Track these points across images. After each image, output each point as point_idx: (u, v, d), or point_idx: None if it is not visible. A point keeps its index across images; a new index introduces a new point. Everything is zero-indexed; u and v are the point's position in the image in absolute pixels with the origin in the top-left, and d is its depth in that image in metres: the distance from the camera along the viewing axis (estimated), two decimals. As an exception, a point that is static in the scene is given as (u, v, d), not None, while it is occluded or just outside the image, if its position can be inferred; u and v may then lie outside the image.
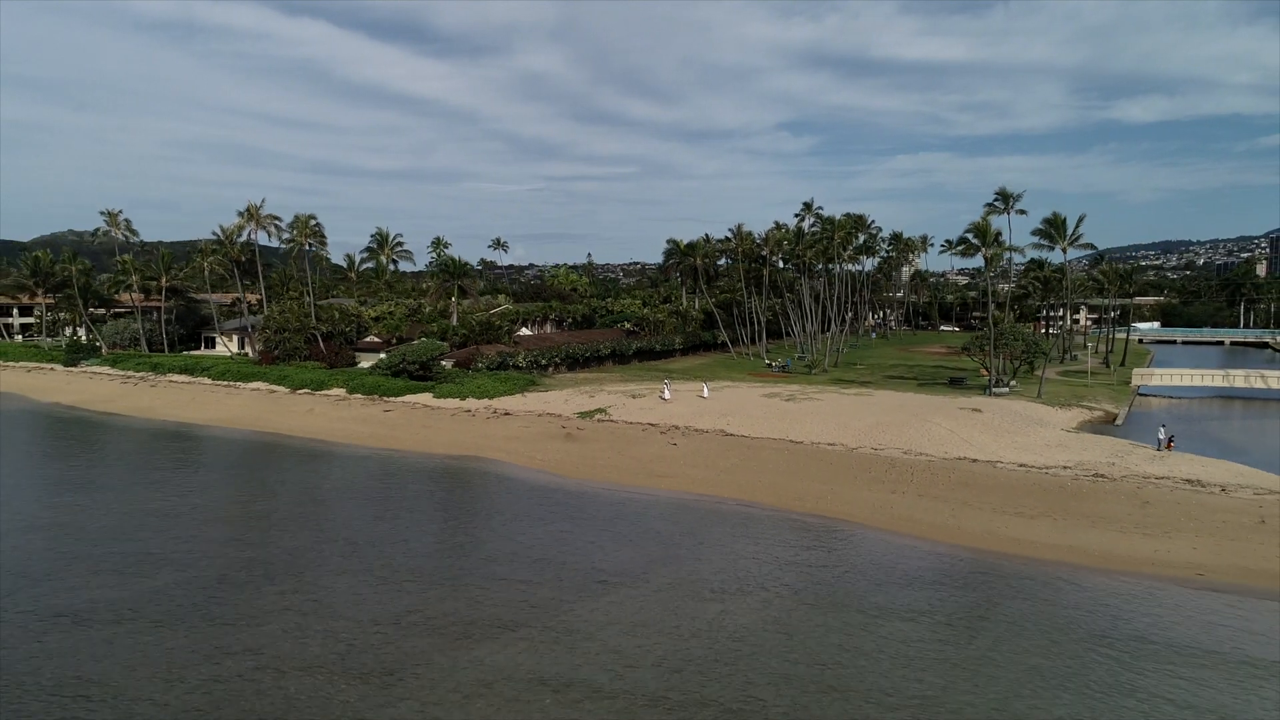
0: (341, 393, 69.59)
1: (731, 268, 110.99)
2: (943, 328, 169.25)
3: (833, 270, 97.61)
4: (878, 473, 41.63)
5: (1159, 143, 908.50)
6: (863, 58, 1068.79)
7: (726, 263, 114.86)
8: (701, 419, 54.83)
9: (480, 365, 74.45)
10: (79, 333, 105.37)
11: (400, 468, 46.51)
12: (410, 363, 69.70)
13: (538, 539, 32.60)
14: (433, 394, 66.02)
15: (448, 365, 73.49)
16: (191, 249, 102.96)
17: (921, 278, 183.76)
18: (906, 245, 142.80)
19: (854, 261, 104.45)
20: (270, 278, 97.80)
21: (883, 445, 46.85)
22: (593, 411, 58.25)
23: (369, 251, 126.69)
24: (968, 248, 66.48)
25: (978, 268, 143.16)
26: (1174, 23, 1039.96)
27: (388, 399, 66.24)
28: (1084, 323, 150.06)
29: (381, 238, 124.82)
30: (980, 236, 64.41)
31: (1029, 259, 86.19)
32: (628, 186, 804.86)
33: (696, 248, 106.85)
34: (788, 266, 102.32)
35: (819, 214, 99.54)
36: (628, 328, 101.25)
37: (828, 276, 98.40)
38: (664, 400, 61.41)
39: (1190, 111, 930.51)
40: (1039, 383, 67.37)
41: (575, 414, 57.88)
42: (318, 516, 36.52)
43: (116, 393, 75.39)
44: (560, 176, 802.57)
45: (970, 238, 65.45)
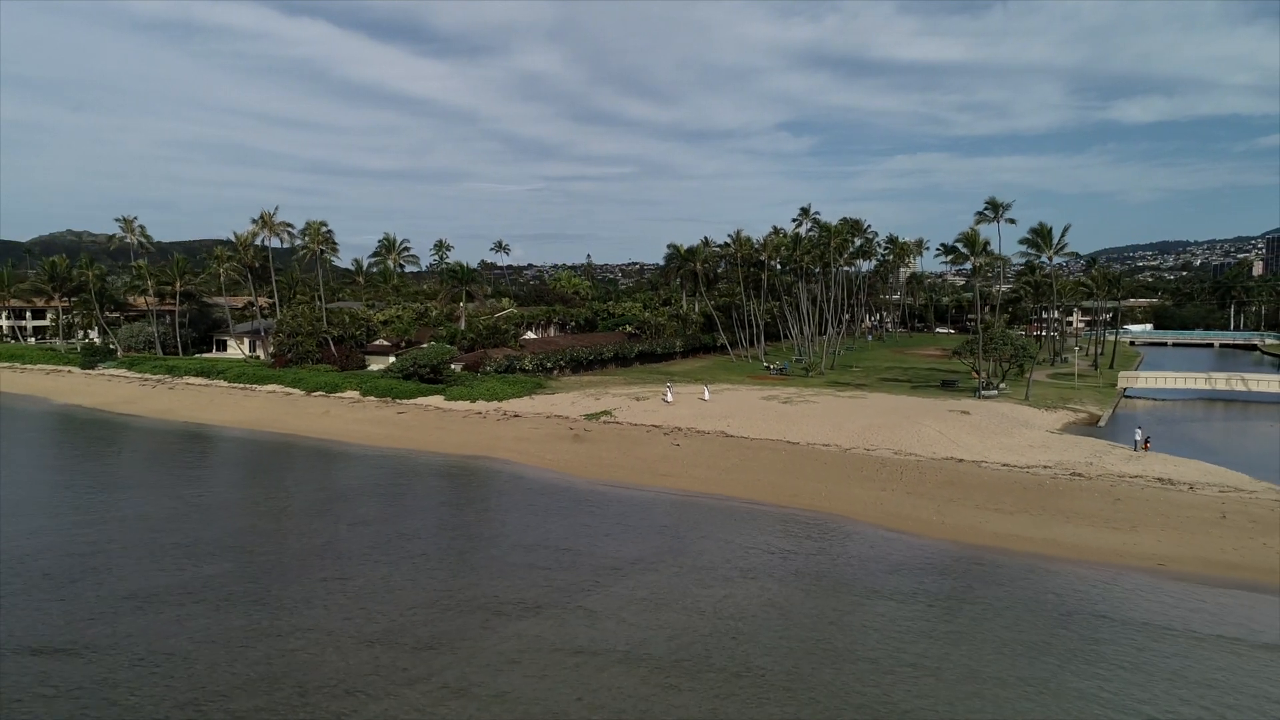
0: (355, 395, 72.16)
1: (730, 271, 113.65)
2: (938, 330, 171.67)
3: (830, 274, 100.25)
4: (869, 472, 44.26)
5: (1157, 143, 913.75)
6: (862, 58, 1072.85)
7: (725, 266, 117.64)
8: (703, 421, 57.42)
9: (488, 368, 77.03)
10: (90, 335, 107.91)
11: (418, 467, 49.09)
12: (421, 366, 72.29)
13: (554, 532, 35.20)
14: (444, 396, 68.62)
15: (457, 368, 76.05)
16: (197, 249, 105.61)
17: (917, 280, 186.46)
18: (902, 249, 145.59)
19: (850, 265, 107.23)
20: (279, 281, 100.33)
21: (875, 446, 49.48)
22: (598, 414, 60.83)
23: (377, 256, 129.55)
24: (957, 256, 69.20)
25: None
26: (1172, 23, 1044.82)
27: (400, 401, 68.81)
28: (1077, 325, 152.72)
29: (389, 243, 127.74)
30: (969, 246, 67.15)
31: (1024, 262, 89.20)
32: (626, 187, 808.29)
33: (696, 253, 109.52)
34: (786, 271, 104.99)
35: (816, 219, 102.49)
36: (629, 331, 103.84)
37: (825, 280, 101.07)
38: (667, 403, 64.02)
39: (1189, 112, 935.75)
40: (1027, 385, 70.04)
41: (582, 416, 60.46)
42: (347, 511, 39.05)
43: (136, 395, 77.85)
44: (558, 176, 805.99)
45: (960, 247, 68.21)
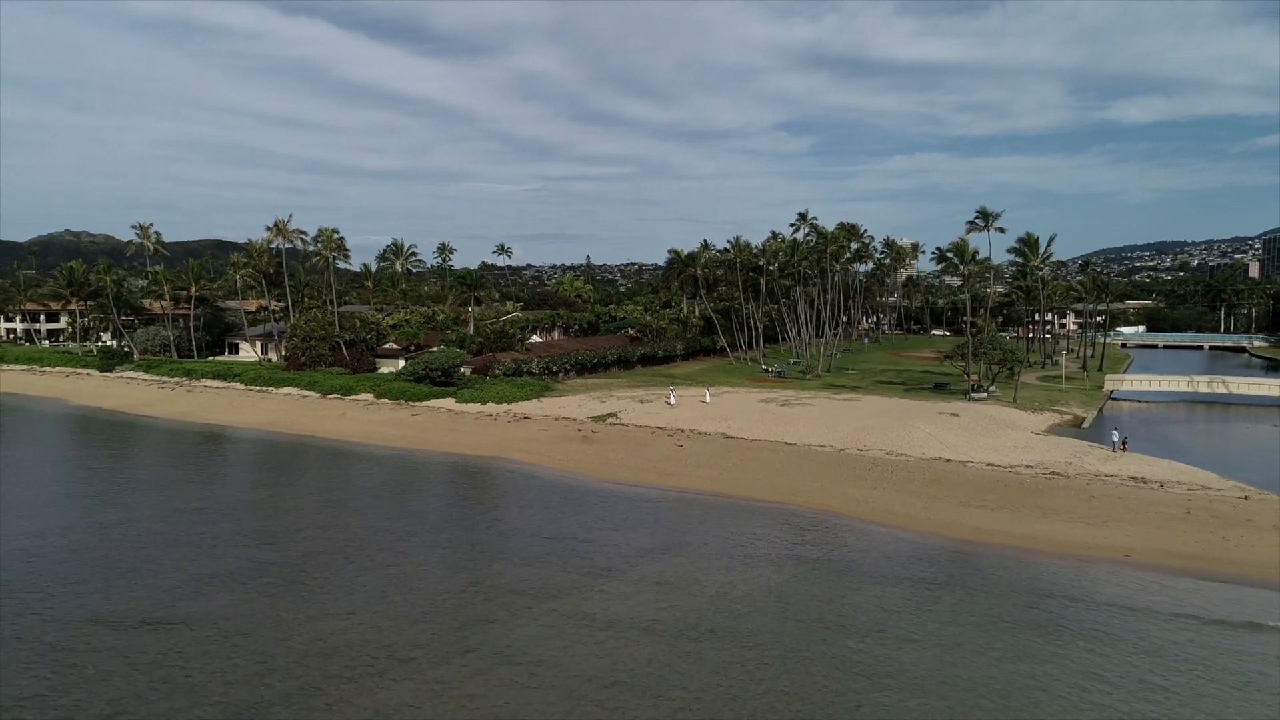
0: (370, 398, 74.94)
1: (730, 275, 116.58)
2: (934, 332, 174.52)
3: (827, 278, 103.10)
4: (862, 471, 47.12)
5: (1156, 143, 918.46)
6: (861, 58, 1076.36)
7: (725, 270, 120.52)
8: (704, 423, 60.24)
9: (497, 372, 79.84)
10: (103, 338, 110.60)
11: (437, 466, 51.91)
12: (433, 370, 75.09)
13: (569, 525, 38.04)
14: (455, 399, 71.43)
15: (467, 372, 78.82)
16: (197, 249, 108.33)
17: (914, 283, 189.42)
18: (899, 253, 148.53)
19: (846, 270, 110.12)
20: (290, 284, 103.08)
21: (868, 447, 52.33)
22: (605, 416, 63.65)
23: (386, 260, 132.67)
24: (948, 266, 72.07)
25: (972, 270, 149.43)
26: (1171, 23, 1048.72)
27: (414, 404, 71.59)
28: (1070, 327, 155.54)
29: (397, 248, 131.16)
30: (959, 255, 70.03)
31: (1016, 268, 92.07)
32: (625, 187, 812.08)
33: (696, 258, 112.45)
34: (784, 275, 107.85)
35: (814, 224, 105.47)
36: (631, 334, 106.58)
37: (822, 284, 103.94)
38: (670, 405, 66.86)
39: (1187, 112, 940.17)
40: (1015, 388, 72.90)
41: (589, 418, 63.27)
42: (376, 506, 41.84)
43: (155, 397, 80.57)
44: (557, 177, 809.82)
45: (950, 256, 71.10)
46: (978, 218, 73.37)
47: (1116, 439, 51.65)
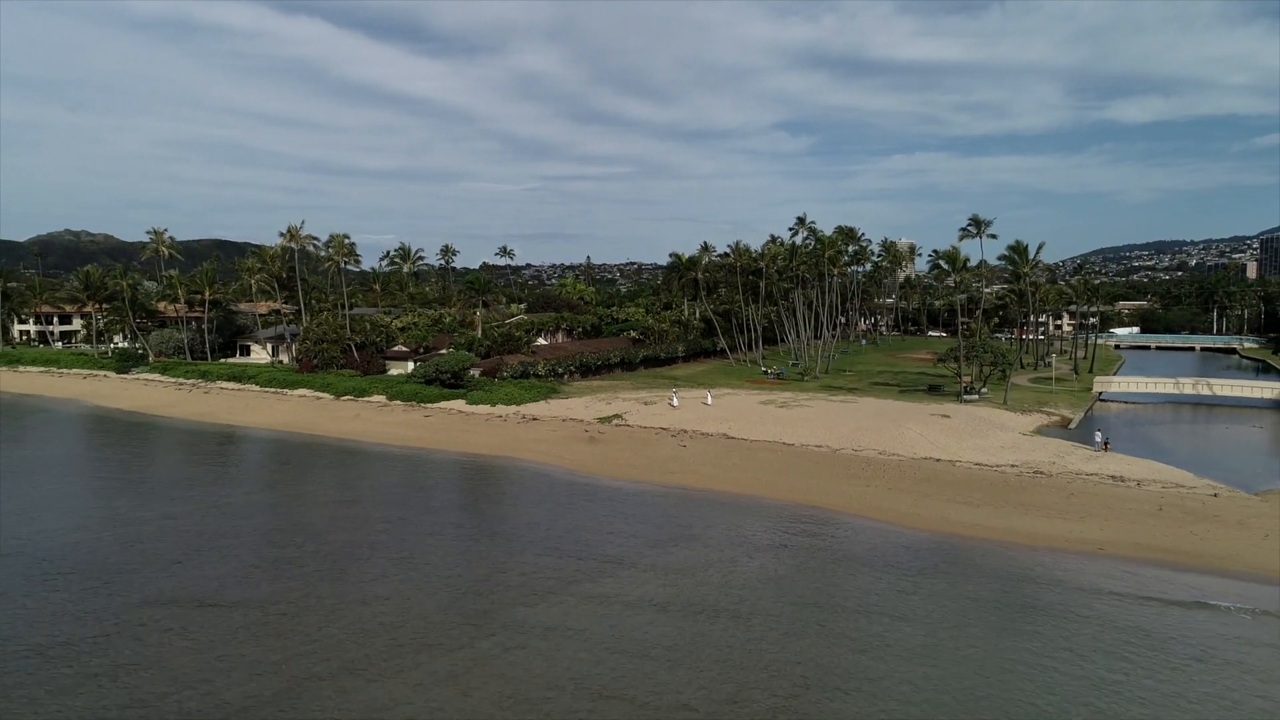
0: (382, 399, 77.52)
1: (730, 278, 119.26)
2: (931, 333, 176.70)
3: (825, 281, 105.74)
4: (856, 470, 49.77)
5: (1155, 143, 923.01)
6: (860, 58, 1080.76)
7: (725, 274, 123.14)
8: (706, 424, 62.86)
9: (505, 374, 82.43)
10: (116, 340, 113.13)
11: (451, 466, 54.54)
12: (444, 372, 77.70)
13: (582, 520, 40.71)
14: (465, 401, 74.03)
15: (476, 374, 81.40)
16: (196, 249, 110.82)
17: (911, 284, 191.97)
18: (896, 255, 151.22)
19: (843, 274, 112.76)
20: (300, 287, 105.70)
21: (862, 447, 54.96)
22: (610, 417, 66.25)
23: (393, 264, 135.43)
24: (940, 273, 74.68)
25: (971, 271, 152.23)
26: (1170, 23, 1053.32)
27: (425, 405, 74.17)
28: (1065, 329, 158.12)
29: (405, 252, 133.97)
30: (950, 263, 72.68)
31: (1009, 272, 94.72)
32: (624, 186, 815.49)
33: (697, 262, 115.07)
34: (783, 278, 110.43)
35: (812, 228, 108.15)
36: (633, 336, 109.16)
37: (820, 286, 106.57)
38: (673, 407, 69.46)
39: (1186, 112, 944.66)
40: (1005, 390, 75.53)
41: (595, 419, 65.87)
42: (398, 502, 44.44)
43: (173, 399, 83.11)
44: (556, 176, 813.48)
45: (942, 264, 73.75)
46: (970, 225, 76.01)
47: (1099, 439, 54.26)
